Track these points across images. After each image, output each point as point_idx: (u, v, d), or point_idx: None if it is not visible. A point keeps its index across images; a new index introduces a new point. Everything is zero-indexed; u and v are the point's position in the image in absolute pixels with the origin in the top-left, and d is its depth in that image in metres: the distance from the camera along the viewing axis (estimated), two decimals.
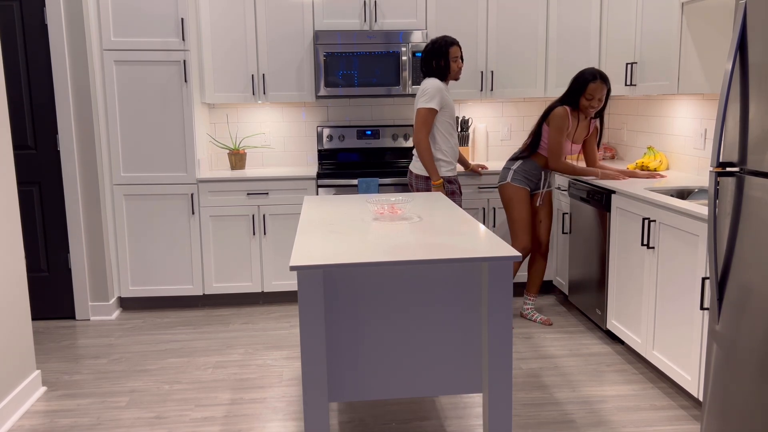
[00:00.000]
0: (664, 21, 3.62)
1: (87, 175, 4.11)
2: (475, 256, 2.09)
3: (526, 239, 3.98)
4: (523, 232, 3.98)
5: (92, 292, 4.23)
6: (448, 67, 3.85)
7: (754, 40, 2.12)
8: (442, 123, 3.85)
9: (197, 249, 4.36)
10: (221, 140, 4.82)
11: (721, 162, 2.27)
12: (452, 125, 3.90)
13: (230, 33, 4.41)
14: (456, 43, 3.85)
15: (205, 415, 2.94)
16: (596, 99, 3.72)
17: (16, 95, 4.00)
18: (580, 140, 3.92)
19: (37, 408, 3.04)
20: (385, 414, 2.91)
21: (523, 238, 3.98)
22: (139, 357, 3.62)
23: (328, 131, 4.79)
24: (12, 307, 3.01)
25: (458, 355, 2.28)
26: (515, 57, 4.59)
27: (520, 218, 3.97)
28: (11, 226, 3.03)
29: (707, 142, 3.73)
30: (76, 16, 3.96)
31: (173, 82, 4.22)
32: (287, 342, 3.82)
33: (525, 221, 3.96)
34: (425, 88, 3.80)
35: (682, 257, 2.90)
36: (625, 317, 3.47)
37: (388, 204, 2.79)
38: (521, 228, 3.97)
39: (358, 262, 2.04)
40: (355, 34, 4.38)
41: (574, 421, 2.81)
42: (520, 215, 3.96)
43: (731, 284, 2.24)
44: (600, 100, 3.74)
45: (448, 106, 3.85)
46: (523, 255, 4.03)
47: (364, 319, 2.23)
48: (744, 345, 2.17)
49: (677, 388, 3.11)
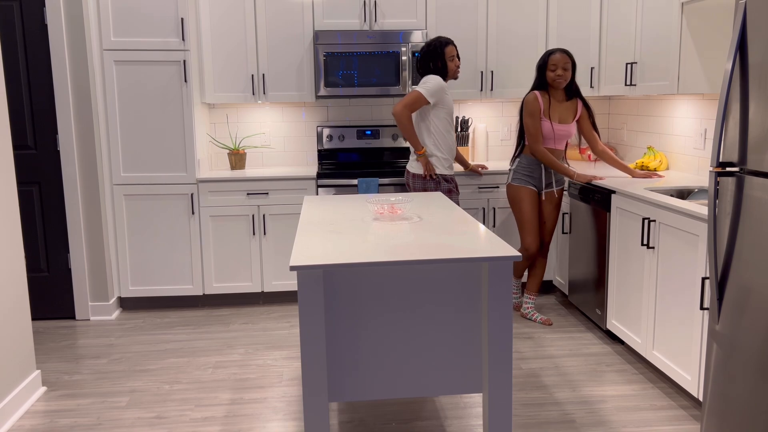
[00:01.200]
0: (664, 21, 3.62)
1: (87, 175, 4.11)
2: (475, 256, 2.09)
3: (530, 239, 3.97)
4: (526, 232, 3.97)
5: (92, 292, 4.23)
6: (446, 68, 3.86)
7: (754, 40, 2.12)
8: (440, 120, 3.86)
9: (197, 249, 4.36)
10: (221, 140, 4.82)
11: (721, 162, 2.27)
12: (450, 123, 3.91)
13: (230, 33, 4.41)
14: (451, 43, 3.87)
15: (205, 415, 2.94)
16: (560, 68, 3.77)
17: (16, 95, 4.00)
18: (567, 120, 3.88)
19: (37, 408, 3.04)
20: (385, 414, 2.91)
21: (525, 238, 3.98)
22: (139, 357, 3.62)
23: (328, 131, 4.79)
24: (12, 307, 3.01)
25: (458, 355, 2.28)
26: (515, 57, 4.59)
27: (521, 218, 3.98)
28: (11, 226, 3.03)
29: (707, 142, 3.73)
30: (76, 16, 3.96)
31: (173, 82, 4.22)
32: (287, 342, 3.82)
33: (527, 221, 3.95)
34: (427, 80, 3.82)
35: (682, 257, 2.90)
36: (625, 317, 3.47)
37: (388, 204, 2.79)
38: (523, 228, 3.98)
39: (358, 262, 2.04)
40: (355, 34, 4.38)
41: (574, 421, 2.81)
42: (521, 215, 3.97)
43: (731, 284, 2.24)
44: (565, 69, 3.77)
45: (447, 104, 3.85)
46: (524, 256, 4.03)
47: (364, 319, 2.23)
48: (744, 345, 2.17)
49: (677, 388, 3.11)
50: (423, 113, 3.86)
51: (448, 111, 3.88)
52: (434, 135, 3.87)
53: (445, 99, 3.84)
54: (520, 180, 3.95)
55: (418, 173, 3.91)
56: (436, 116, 3.84)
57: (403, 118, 3.78)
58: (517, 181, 3.95)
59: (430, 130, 3.87)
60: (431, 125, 3.86)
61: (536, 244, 4.00)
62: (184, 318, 4.28)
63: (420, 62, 3.92)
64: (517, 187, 3.95)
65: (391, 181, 4.38)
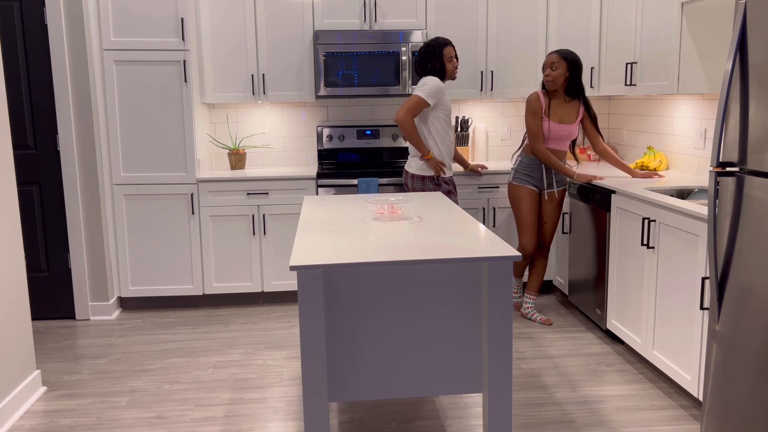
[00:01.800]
0: (664, 21, 3.62)
1: (87, 175, 4.11)
2: (475, 256, 2.09)
3: (526, 240, 3.98)
4: (524, 232, 3.98)
5: (92, 292, 4.23)
6: (444, 68, 3.86)
7: (754, 40, 2.12)
8: (439, 121, 3.86)
9: (197, 249, 4.36)
10: (221, 140, 4.82)
11: (721, 162, 2.27)
12: (448, 124, 3.91)
13: (230, 33, 4.41)
14: (449, 44, 3.87)
15: (205, 415, 2.94)
16: (548, 68, 3.81)
17: (16, 95, 4.00)
18: (568, 121, 3.87)
19: (37, 408, 3.04)
20: (385, 414, 2.91)
21: (523, 238, 3.99)
22: (139, 357, 3.62)
23: (328, 131, 4.79)
24: (12, 307, 3.01)
25: (458, 355, 2.28)
26: (515, 57, 4.59)
27: (520, 218, 3.99)
28: (11, 226, 3.03)
29: (707, 142, 3.73)
30: (76, 16, 3.96)
31: (173, 82, 4.22)
32: (287, 342, 3.82)
33: (525, 221, 3.96)
34: (425, 82, 3.82)
35: (682, 257, 2.90)
36: (625, 317, 3.47)
37: (388, 204, 2.79)
38: (521, 228, 3.99)
39: (358, 262, 2.04)
40: (355, 34, 4.38)
41: (574, 421, 2.81)
42: (519, 214, 3.98)
43: (731, 284, 2.24)
44: (553, 69, 3.78)
45: (445, 105, 3.86)
46: (522, 255, 4.02)
47: (364, 319, 2.23)
48: (744, 345, 2.17)
49: (677, 388, 3.11)
50: (423, 115, 3.86)
51: (447, 112, 3.89)
52: (434, 136, 3.87)
53: (443, 100, 3.84)
54: (521, 179, 3.96)
55: (417, 174, 3.91)
56: (435, 118, 3.85)
57: (407, 124, 3.78)
58: (518, 181, 3.97)
59: (431, 132, 3.87)
60: (431, 127, 3.86)
61: (533, 245, 4.00)
62: (184, 318, 4.28)
63: (418, 63, 3.93)
64: (517, 186, 3.97)
65: (390, 181, 4.38)
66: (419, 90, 3.80)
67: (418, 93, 3.78)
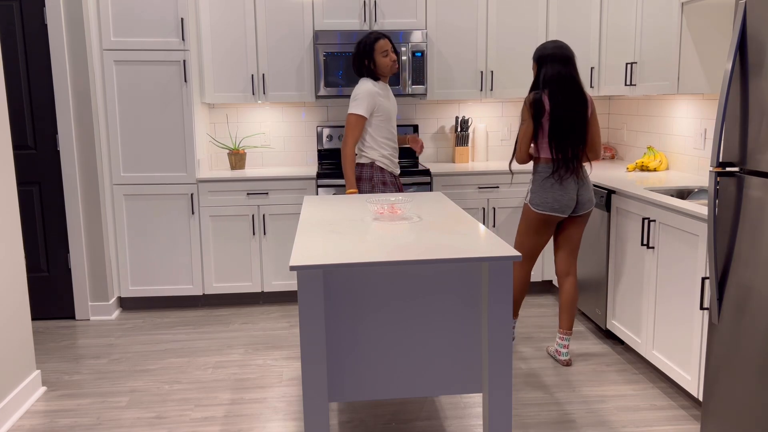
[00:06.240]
0: (664, 21, 3.62)
1: (87, 175, 4.11)
2: (475, 256, 2.09)
3: (520, 271, 3.46)
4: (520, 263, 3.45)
5: (92, 292, 4.23)
6: (376, 65, 3.64)
7: (754, 40, 2.12)
8: (377, 128, 3.66)
9: (197, 249, 4.36)
10: (221, 140, 4.82)
11: (721, 162, 2.27)
12: (389, 123, 3.69)
13: (230, 33, 4.41)
14: (382, 37, 3.62)
15: (205, 415, 2.94)
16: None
17: (16, 95, 4.00)
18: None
19: (37, 408, 3.04)
20: (385, 414, 2.91)
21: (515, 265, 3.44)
22: (139, 357, 3.62)
23: (327, 131, 4.79)
24: (12, 307, 3.01)
25: (458, 355, 2.28)
26: (515, 57, 4.59)
27: (521, 245, 3.43)
28: (11, 226, 3.03)
29: (707, 142, 3.73)
30: (76, 16, 3.96)
31: (173, 82, 4.22)
32: (287, 342, 3.82)
33: (526, 253, 3.43)
34: (356, 93, 3.62)
35: (682, 257, 2.90)
36: (625, 317, 3.47)
37: (388, 204, 2.79)
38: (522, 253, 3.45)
39: (358, 262, 2.04)
40: (355, 34, 4.38)
41: (574, 421, 2.81)
42: (522, 241, 3.42)
43: (731, 284, 2.24)
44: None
45: (382, 108, 3.64)
46: (515, 286, 3.47)
47: (364, 319, 2.23)
48: (744, 345, 2.17)
49: (677, 388, 3.11)
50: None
51: (386, 115, 3.67)
52: (375, 145, 3.69)
53: (380, 104, 3.62)
54: (537, 204, 3.30)
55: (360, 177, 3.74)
56: (370, 125, 3.65)
57: (348, 157, 3.61)
58: (534, 206, 3.31)
59: (374, 137, 3.68)
60: (370, 136, 3.68)
61: (525, 277, 3.47)
62: (184, 318, 4.28)
63: (353, 65, 3.72)
64: (531, 211, 3.33)
65: None
66: (351, 106, 3.61)
67: (350, 110, 3.60)
